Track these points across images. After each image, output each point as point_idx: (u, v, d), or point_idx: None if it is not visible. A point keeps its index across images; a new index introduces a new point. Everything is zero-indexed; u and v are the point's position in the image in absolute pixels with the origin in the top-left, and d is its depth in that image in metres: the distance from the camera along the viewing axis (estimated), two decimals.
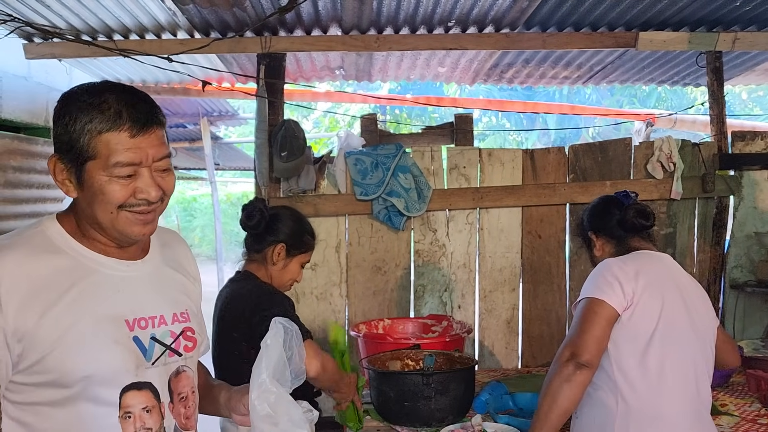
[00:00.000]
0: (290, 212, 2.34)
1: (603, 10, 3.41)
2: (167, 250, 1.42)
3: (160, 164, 1.24)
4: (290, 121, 3.56)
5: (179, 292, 1.38)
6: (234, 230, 16.69)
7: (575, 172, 3.74)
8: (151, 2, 3.19)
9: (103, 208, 1.21)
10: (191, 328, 1.35)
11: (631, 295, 1.88)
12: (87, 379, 1.17)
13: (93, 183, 1.20)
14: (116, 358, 1.20)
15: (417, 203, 3.55)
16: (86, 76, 4.84)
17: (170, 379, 1.29)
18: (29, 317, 1.15)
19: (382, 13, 3.40)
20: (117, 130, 1.18)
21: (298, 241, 2.27)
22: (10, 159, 3.77)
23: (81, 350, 1.17)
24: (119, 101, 1.20)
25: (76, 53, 3.69)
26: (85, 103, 1.19)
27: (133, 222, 1.23)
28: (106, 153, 1.18)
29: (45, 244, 1.23)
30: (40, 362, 1.15)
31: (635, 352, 1.88)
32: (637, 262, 1.98)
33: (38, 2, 3.17)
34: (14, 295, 1.14)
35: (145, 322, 1.27)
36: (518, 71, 4.58)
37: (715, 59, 3.87)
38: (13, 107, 4.01)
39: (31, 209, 3.94)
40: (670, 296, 1.92)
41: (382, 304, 3.65)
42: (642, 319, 1.88)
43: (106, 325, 1.21)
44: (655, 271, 1.97)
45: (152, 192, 1.22)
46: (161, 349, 1.27)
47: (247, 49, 3.63)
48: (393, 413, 2.36)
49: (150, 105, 1.24)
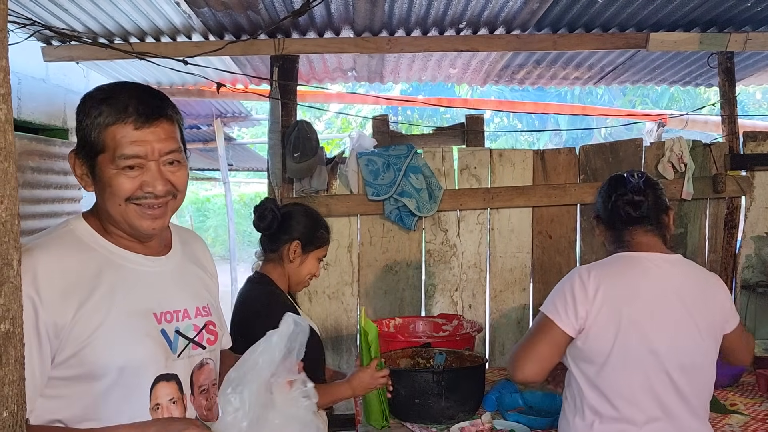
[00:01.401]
0: (303, 209, 2.35)
1: (614, 11, 3.42)
2: (187, 248, 1.46)
3: (167, 158, 1.26)
4: (303, 122, 3.60)
5: (200, 287, 1.43)
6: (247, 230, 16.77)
7: (586, 173, 3.75)
8: (166, 5, 3.25)
9: (113, 201, 1.25)
10: (213, 321, 1.40)
11: (584, 318, 1.77)
12: (121, 370, 1.21)
13: (103, 176, 1.24)
14: (148, 350, 1.25)
15: (428, 203, 3.58)
16: (103, 78, 4.91)
17: (193, 371, 1.33)
18: (66, 312, 1.19)
19: (394, 15, 3.43)
20: (122, 122, 1.22)
21: (313, 236, 2.28)
22: (28, 160, 3.83)
23: (115, 343, 1.21)
24: (128, 96, 1.24)
25: (93, 56, 3.75)
26: (97, 99, 1.25)
27: (141, 215, 1.26)
28: (112, 145, 1.22)
29: (75, 241, 1.27)
30: (76, 355, 1.19)
31: (592, 374, 1.80)
32: (607, 272, 1.83)
33: (57, 6, 3.23)
34: (50, 292, 1.18)
35: (171, 315, 1.31)
36: (529, 72, 4.60)
37: (727, 60, 3.86)
38: (32, 109, 4.08)
39: (49, 209, 4.01)
40: (635, 312, 1.77)
41: (394, 303, 3.68)
42: (596, 342, 1.78)
43: (137, 319, 1.25)
44: (624, 284, 1.81)
45: (158, 186, 1.25)
46: (185, 342, 1.32)
47: (261, 51, 3.68)
48: (404, 410, 2.39)
49: (159, 100, 1.28)
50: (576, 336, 1.79)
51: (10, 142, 0.90)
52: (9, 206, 0.90)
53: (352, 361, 3.71)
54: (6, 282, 0.90)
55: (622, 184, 1.93)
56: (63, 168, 4.20)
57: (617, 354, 1.76)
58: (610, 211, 1.93)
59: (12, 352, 0.92)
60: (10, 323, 0.91)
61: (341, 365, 3.66)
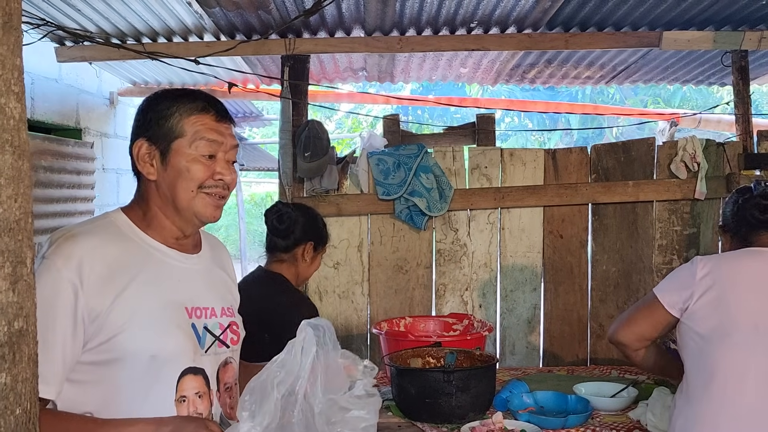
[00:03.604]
0: (310, 210, 2.45)
1: (626, 9, 3.40)
2: (214, 252, 1.51)
3: (231, 154, 1.37)
4: (314, 121, 3.61)
5: (225, 289, 1.46)
6: (258, 230, 16.82)
7: (597, 172, 3.73)
8: (178, 6, 3.26)
9: (185, 186, 1.31)
10: (236, 322, 1.43)
11: (688, 298, 1.87)
12: (153, 358, 1.24)
13: (179, 161, 1.31)
14: (179, 341, 1.28)
15: (439, 203, 3.58)
16: (116, 78, 4.95)
17: (219, 368, 1.35)
18: (105, 298, 1.22)
19: (405, 14, 3.43)
20: (206, 112, 1.34)
21: (320, 236, 2.42)
22: (41, 159, 3.87)
23: (148, 331, 1.24)
24: (205, 96, 1.38)
25: (106, 56, 3.78)
26: (177, 94, 1.36)
27: (208, 203, 1.33)
28: (192, 130, 1.32)
29: (115, 231, 1.32)
30: (110, 341, 1.22)
31: (697, 352, 1.86)
32: (723, 258, 1.93)
33: (70, 7, 3.26)
34: (92, 277, 1.22)
35: (200, 311, 1.34)
36: (540, 71, 4.58)
37: (741, 58, 3.83)
38: (45, 109, 4.12)
39: (61, 208, 4.04)
40: (746, 293, 1.83)
41: (404, 302, 3.68)
42: (702, 320, 1.85)
43: (170, 310, 1.29)
44: (737, 268, 1.88)
45: (228, 175, 1.35)
46: (212, 339, 1.35)
47: (272, 51, 3.69)
48: (414, 410, 2.39)
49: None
50: (680, 316, 1.89)
51: (24, 140, 0.90)
52: (23, 205, 0.91)
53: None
54: (20, 280, 0.90)
55: (749, 190, 2.03)
56: (75, 167, 4.23)
57: (722, 331, 1.81)
58: (737, 215, 2.00)
59: (26, 350, 0.92)
60: (23, 321, 0.92)
61: None
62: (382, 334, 2.93)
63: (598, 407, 2.40)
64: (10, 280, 0.88)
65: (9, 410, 0.88)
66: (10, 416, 0.88)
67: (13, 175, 0.89)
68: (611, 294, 3.70)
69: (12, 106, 0.88)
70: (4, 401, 0.87)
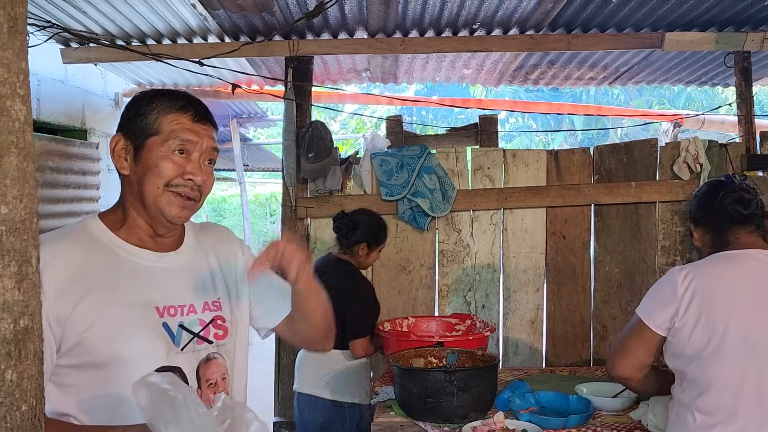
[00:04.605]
0: (366, 218, 3.02)
1: (628, 10, 3.40)
2: (202, 240, 1.48)
3: (209, 155, 1.38)
4: (317, 122, 3.63)
5: (213, 280, 1.45)
6: (262, 230, 16.86)
7: (600, 173, 3.74)
8: (183, 8, 3.28)
9: (152, 182, 1.32)
10: (222, 316, 1.42)
11: (673, 316, 1.80)
12: (120, 360, 1.25)
13: (150, 157, 1.32)
14: (146, 342, 1.28)
15: (441, 204, 3.59)
16: (121, 80, 4.98)
17: (199, 365, 1.36)
18: (66, 305, 1.24)
19: (408, 16, 3.44)
20: (184, 112, 1.35)
21: (375, 239, 3.03)
22: (48, 160, 3.89)
23: (113, 333, 1.26)
24: (186, 96, 1.40)
25: (112, 57, 3.81)
26: (158, 92, 1.39)
27: (173, 202, 1.33)
28: (168, 129, 1.33)
29: (85, 238, 1.33)
30: (78, 345, 1.24)
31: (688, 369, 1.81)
32: (701, 269, 1.83)
33: (75, 9, 3.28)
34: (54, 283, 1.23)
35: (174, 310, 1.34)
36: (543, 72, 4.59)
37: (743, 59, 3.83)
38: (51, 110, 4.14)
39: (68, 208, 4.06)
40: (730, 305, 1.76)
41: (407, 302, 3.69)
42: (689, 337, 1.78)
43: (138, 311, 1.29)
44: (718, 278, 1.80)
45: (198, 176, 1.35)
46: (189, 337, 1.35)
47: (276, 53, 3.71)
48: (416, 409, 2.40)
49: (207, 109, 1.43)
50: (667, 334, 1.83)
51: (29, 142, 0.92)
52: (28, 205, 0.92)
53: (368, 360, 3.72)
54: (25, 279, 0.92)
55: (728, 183, 1.94)
56: (81, 168, 4.26)
57: (712, 348, 1.75)
58: (717, 209, 1.90)
59: (31, 347, 0.94)
60: (29, 319, 0.93)
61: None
62: (385, 334, 2.94)
63: (599, 407, 2.40)
64: (15, 278, 0.90)
65: (15, 406, 0.90)
66: (16, 412, 0.90)
67: (19, 176, 0.90)
68: (614, 295, 3.70)
69: (17, 108, 0.90)
70: (10, 398, 0.89)
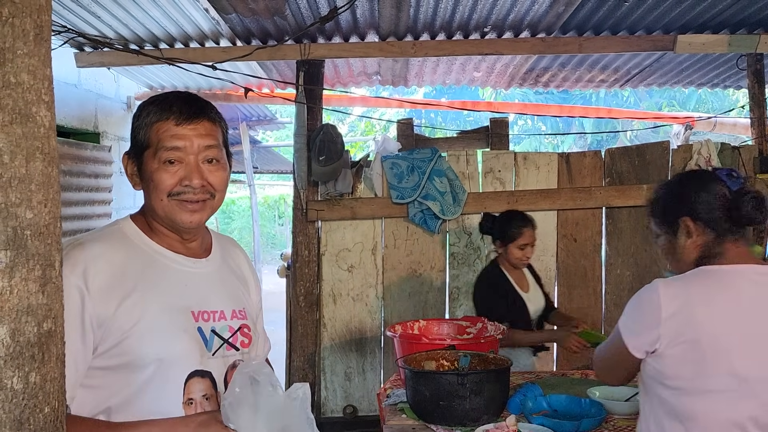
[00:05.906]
0: (503, 216, 3.09)
1: (640, 13, 3.40)
2: (226, 254, 1.51)
3: (206, 154, 1.33)
4: (328, 125, 3.64)
5: (238, 291, 1.47)
6: (271, 232, 16.90)
7: (611, 176, 3.73)
8: (195, 12, 3.31)
9: (156, 196, 1.32)
10: (247, 325, 1.44)
11: (655, 340, 1.60)
12: (159, 361, 1.26)
13: (147, 171, 1.32)
14: (184, 345, 1.29)
15: (452, 206, 3.59)
16: (133, 83, 5.01)
17: (227, 371, 1.37)
18: (110, 304, 1.25)
19: (419, 19, 3.45)
20: (165, 118, 1.31)
21: (506, 236, 3.04)
22: (60, 163, 3.91)
23: (154, 335, 1.27)
24: (175, 98, 1.34)
25: (124, 62, 3.84)
26: (149, 102, 1.36)
27: (180, 209, 1.33)
28: (155, 140, 1.31)
29: (122, 239, 1.34)
30: (118, 345, 1.25)
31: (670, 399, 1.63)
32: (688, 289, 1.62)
33: (89, 14, 3.31)
34: (96, 283, 1.24)
35: (207, 315, 1.36)
36: (554, 75, 4.58)
37: (756, 61, 3.81)
38: (64, 113, 4.18)
39: (80, 211, 4.10)
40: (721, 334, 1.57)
41: (418, 305, 3.69)
42: (673, 366, 1.60)
43: (176, 314, 1.31)
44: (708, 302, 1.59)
45: (195, 179, 1.31)
46: (219, 342, 1.36)
47: (287, 56, 3.72)
48: (428, 412, 2.40)
49: (203, 103, 1.37)
50: (646, 357, 1.64)
51: (53, 147, 0.94)
52: (52, 209, 0.94)
53: (377, 363, 3.73)
54: (49, 282, 0.94)
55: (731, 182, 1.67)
56: (94, 171, 4.29)
57: (699, 380, 1.57)
58: (728, 209, 1.64)
59: (54, 350, 0.95)
60: (52, 322, 0.95)
61: (365, 366, 3.68)
62: (396, 337, 2.94)
63: (612, 411, 2.40)
64: (39, 282, 0.92)
65: (38, 408, 0.91)
66: (39, 414, 0.91)
67: (44, 181, 0.92)
68: (625, 298, 3.67)
69: (42, 114, 0.91)
70: (33, 400, 0.91)
